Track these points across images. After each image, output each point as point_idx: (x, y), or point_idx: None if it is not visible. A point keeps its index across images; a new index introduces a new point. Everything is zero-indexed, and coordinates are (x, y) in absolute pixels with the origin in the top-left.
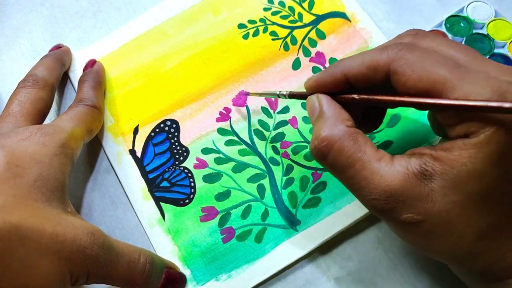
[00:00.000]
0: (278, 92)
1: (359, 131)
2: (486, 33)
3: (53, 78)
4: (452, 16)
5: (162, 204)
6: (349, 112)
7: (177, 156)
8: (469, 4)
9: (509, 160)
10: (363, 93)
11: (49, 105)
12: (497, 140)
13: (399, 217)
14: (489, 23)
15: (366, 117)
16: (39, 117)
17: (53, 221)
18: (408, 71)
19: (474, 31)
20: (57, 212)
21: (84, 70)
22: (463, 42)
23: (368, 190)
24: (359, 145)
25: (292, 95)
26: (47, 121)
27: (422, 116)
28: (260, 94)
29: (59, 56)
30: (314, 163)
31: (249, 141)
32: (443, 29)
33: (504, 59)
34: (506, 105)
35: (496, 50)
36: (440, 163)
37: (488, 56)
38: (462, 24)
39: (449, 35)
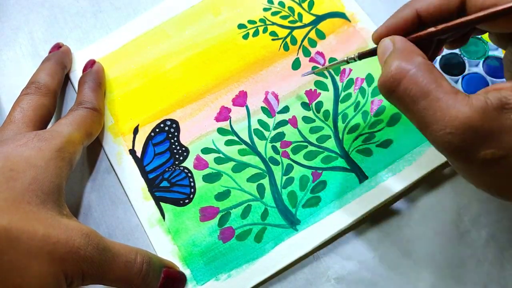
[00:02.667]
0: (346, 58)
1: (434, 65)
2: (479, 36)
3: (55, 84)
4: None
5: (162, 204)
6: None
7: (177, 156)
8: None
9: None
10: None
11: (52, 111)
12: None
13: (478, 154)
14: None
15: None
16: (41, 123)
17: (46, 223)
18: None
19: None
20: (51, 215)
21: (83, 70)
22: None
23: (443, 123)
24: (435, 76)
25: (361, 55)
26: (49, 124)
27: None
28: (326, 67)
29: (60, 59)
30: (314, 163)
31: (249, 141)
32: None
33: (499, 61)
34: None
35: (491, 53)
36: None
37: (482, 59)
38: None
39: None
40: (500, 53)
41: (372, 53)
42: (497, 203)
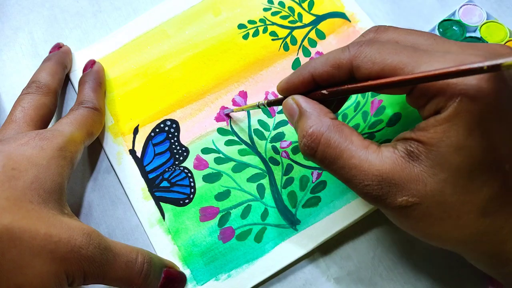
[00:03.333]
0: (258, 103)
1: (343, 122)
2: (479, 36)
3: (56, 83)
4: (444, 20)
5: (162, 204)
6: None
7: (177, 156)
8: (461, 7)
9: (484, 128)
10: (329, 87)
11: (53, 111)
12: (466, 109)
13: (394, 202)
14: (481, 26)
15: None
16: (42, 123)
17: (48, 222)
18: (369, 64)
19: (467, 34)
20: (53, 214)
21: (83, 70)
22: None
23: (359, 177)
24: (345, 135)
25: (270, 103)
26: (50, 124)
27: None
28: (242, 109)
29: (61, 59)
30: (313, 163)
31: (248, 141)
32: (436, 33)
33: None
34: (463, 67)
35: None
36: (422, 143)
37: None
38: (455, 28)
39: None
40: None
41: (280, 102)
42: None
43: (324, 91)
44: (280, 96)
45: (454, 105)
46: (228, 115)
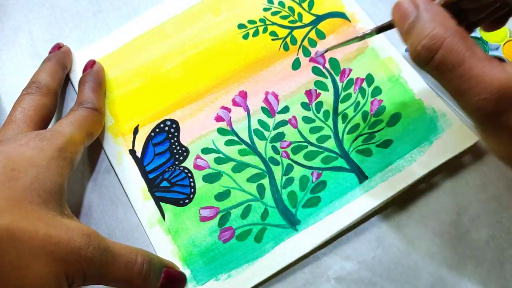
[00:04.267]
0: (361, 33)
1: (467, 33)
2: (479, 36)
3: (56, 84)
4: None
5: (162, 204)
6: None
7: (177, 156)
8: None
9: None
10: None
11: (53, 111)
12: None
13: (510, 121)
14: None
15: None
16: (42, 123)
17: (47, 223)
18: None
19: None
20: (53, 215)
21: (83, 70)
22: None
23: (478, 89)
24: (469, 44)
25: (380, 29)
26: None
27: (422, 115)
28: (341, 44)
29: (61, 59)
30: (314, 163)
31: (249, 141)
32: None
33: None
34: None
35: (490, 53)
36: None
37: None
38: None
39: None
40: (500, 53)
41: (391, 25)
42: (497, 203)
43: None
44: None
45: None
46: (322, 55)
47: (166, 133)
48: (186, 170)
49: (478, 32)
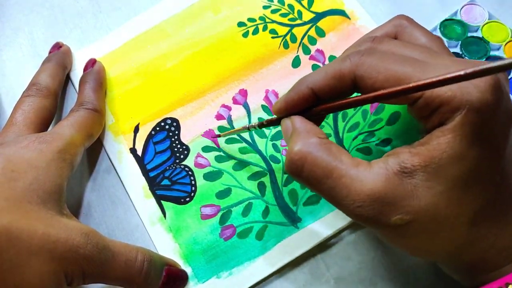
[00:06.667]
0: (248, 126)
1: (332, 142)
2: (481, 36)
3: (56, 85)
4: (446, 20)
5: (163, 202)
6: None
7: (177, 155)
8: (462, 7)
9: (484, 138)
10: (331, 101)
11: (53, 113)
12: (471, 120)
13: (388, 221)
14: (483, 26)
15: None
16: (43, 125)
17: (46, 222)
18: (374, 74)
19: (469, 34)
20: (51, 214)
21: (84, 70)
22: (458, 46)
23: (350, 198)
24: (334, 153)
25: (261, 125)
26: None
27: None
28: (230, 132)
29: (61, 60)
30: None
31: (249, 139)
32: (437, 33)
33: None
34: (462, 72)
35: (492, 53)
36: (420, 157)
37: (483, 59)
38: (456, 28)
39: (444, 39)
40: (501, 53)
41: (274, 123)
42: None
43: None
44: (274, 117)
45: (460, 116)
46: (218, 136)
47: (167, 132)
48: (187, 169)
49: (480, 32)
